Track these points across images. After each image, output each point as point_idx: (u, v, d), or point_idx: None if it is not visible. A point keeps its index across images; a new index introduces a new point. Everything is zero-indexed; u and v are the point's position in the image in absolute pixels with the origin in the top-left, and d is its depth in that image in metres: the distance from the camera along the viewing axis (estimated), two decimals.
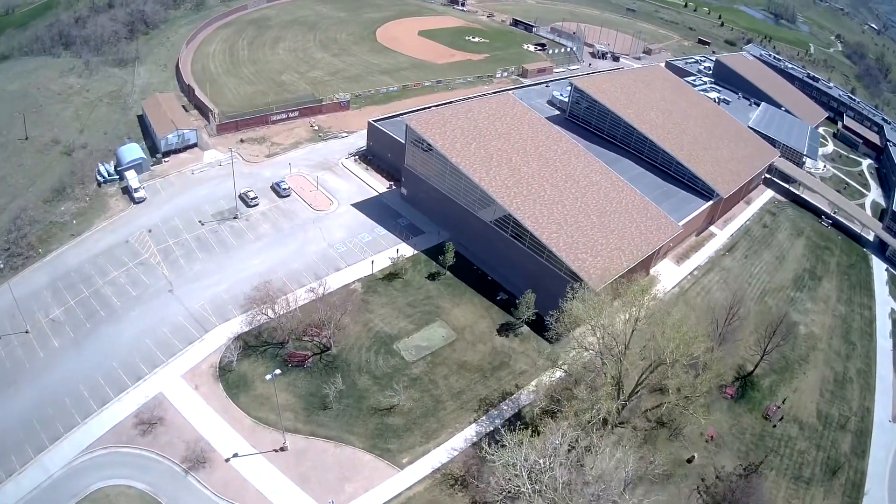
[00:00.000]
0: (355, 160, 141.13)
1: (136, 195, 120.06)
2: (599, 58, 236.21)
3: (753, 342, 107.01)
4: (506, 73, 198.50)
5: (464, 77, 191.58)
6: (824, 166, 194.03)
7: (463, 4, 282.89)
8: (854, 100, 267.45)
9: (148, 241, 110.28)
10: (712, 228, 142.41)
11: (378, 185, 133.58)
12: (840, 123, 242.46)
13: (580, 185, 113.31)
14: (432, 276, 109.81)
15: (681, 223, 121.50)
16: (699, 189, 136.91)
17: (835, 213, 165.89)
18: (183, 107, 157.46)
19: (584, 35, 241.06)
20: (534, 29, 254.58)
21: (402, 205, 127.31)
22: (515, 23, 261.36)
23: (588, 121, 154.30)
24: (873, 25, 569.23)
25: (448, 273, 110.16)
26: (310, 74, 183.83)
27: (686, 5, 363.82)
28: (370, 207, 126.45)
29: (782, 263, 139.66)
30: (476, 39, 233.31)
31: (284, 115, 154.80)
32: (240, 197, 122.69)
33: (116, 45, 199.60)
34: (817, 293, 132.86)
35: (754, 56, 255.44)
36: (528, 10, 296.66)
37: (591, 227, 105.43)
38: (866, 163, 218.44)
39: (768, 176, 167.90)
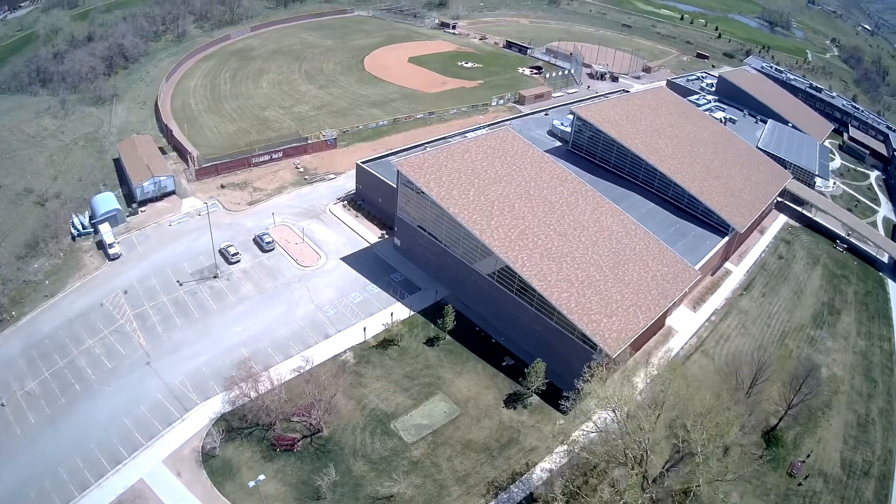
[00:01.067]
0: (344, 206, 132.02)
1: (110, 251, 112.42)
2: (598, 79, 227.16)
3: (777, 393, 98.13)
4: (502, 101, 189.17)
5: (457, 107, 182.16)
6: (834, 183, 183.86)
7: (454, 28, 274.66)
8: (857, 109, 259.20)
9: (123, 305, 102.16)
10: (727, 265, 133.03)
11: (369, 234, 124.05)
12: (846, 135, 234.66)
13: (590, 233, 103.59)
14: (431, 342, 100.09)
15: (698, 266, 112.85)
16: (714, 224, 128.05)
17: (849, 234, 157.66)
18: (161, 149, 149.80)
19: (581, 55, 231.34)
20: (528, 51, 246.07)
21: (396, 257, 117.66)
22: (509, 45, 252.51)
23: (592, 152, 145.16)
24: (866, 26, 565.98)
25: (448, 337, 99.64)
26: (295, 109, 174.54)
27: (682, 18, 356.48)
28: (361, 261, 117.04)
29: (800, 298, 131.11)
30: (469, 65, 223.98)
31: (267, 157, 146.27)
32: (220, 252, 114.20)
33: (94, 82, 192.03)
34: (837, 329, 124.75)
35: (756, 69, 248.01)
36: (522, 31, 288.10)
37: (604, 281, 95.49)
38: (874, 175, 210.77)
39: (780, 199, 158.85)
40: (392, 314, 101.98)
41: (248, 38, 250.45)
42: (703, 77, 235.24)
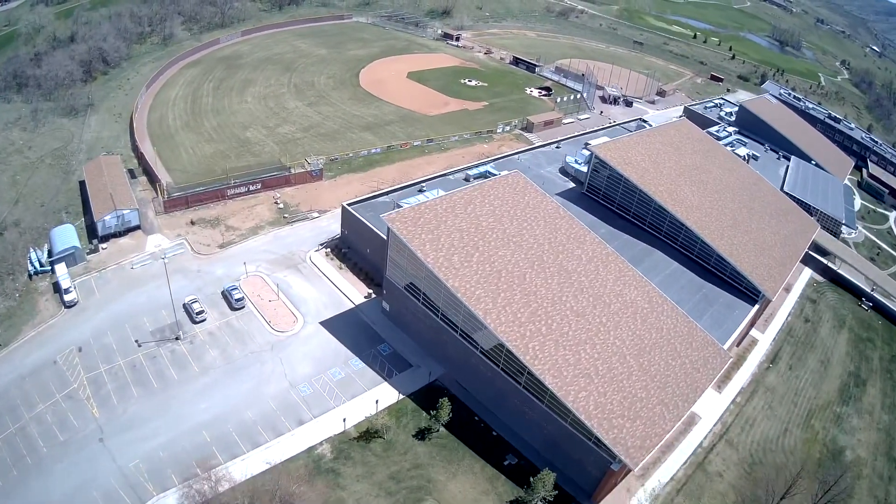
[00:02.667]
0: (327, 254, 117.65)
1: (66, 297, 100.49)
2: (611, 103, 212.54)
3: (802, 490, 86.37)
4: (508, 128, 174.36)
5: (460, 133, 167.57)
6: (857, 230, 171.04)
7: (457, 39, 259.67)
8: (876, 142, 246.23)
9: (77, 365, 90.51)
10: (753, 331, 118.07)
11: (354, 291, 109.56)
12: (865, 171, 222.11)
13: (612, 311, 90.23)
14: (422, 434, 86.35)
15: (728, 343, 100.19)
16: (743, 288, 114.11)
17: (873, 290, 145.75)
18: (131, 170, 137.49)
19: (593, 77, 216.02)
20: (537, 69, 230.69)
21: (384, 323, 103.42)
22: (516, 61, 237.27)
23: (611, 197, 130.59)
24: (874, 48, 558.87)
25: (442, 429, 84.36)
26: (280, 130, 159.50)
27: (695, 36, 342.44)
28: (344, 327, 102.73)
29: (827, 369, 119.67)
30: (473, 83, 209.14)
31: (244, 189, 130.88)
32: (184, 307, 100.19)
33: (70, 89, 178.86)
34: (863, 403, 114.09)
35: (775, 97, 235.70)
36: (530, 45, 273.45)
37: (627, 374, 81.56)
38: (893, 216, 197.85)
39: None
40: (377, 401, 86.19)
41: (237, 44, 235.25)
42: (721, 104, 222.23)
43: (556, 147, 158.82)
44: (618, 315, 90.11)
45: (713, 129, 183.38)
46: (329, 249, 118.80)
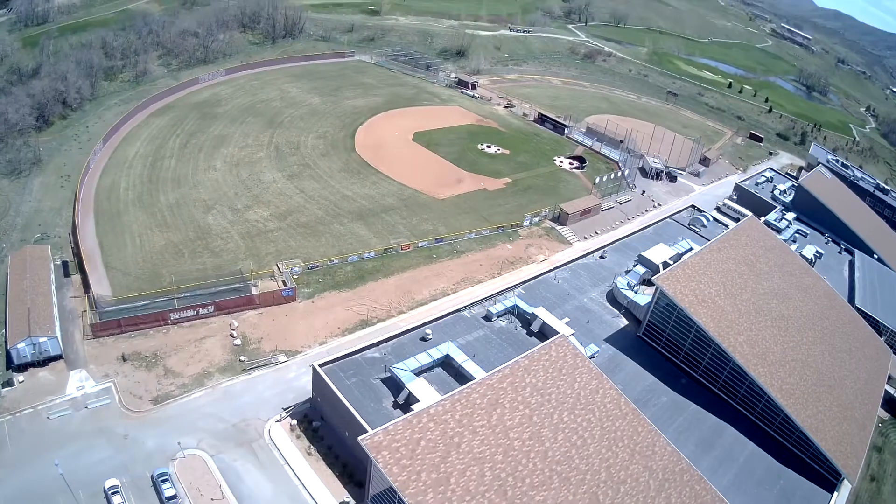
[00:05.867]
0: (292, 427, 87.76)
1: None
2: (653, 178, 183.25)
3: None
4: (537, 219, 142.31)
5: (476, 229, 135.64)
6: None
7: (473, 88, 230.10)
8: None
9: None
10: None
11: (325, 493, 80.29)
12: None
13: None
14: None
15: None
16: (822, 470, 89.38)
17: None
18: (65, 263, 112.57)
19: (634, 144, 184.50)
20: (566, 130, 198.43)
21: None
22: (542, 119, 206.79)
23: (676, 345, 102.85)
24: (894, 89, 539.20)
25: None
26: (249, 216, 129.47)
27: (730, 85, 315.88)
28: None
29: None
30: (493, 150, 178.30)
31: (193, 312, 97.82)
32: (104, 494, 73.67)
33: (21, 137, 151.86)
34: None
35: (824, 164, 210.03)
36: (555, 96, 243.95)
37: None
38: None
39: None
40: None
41: (218, 84, 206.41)
42: (771, 178, 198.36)
43: (601, 257, 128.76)
44: None
45: (772, 219, 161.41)
46: (297, 421, 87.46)
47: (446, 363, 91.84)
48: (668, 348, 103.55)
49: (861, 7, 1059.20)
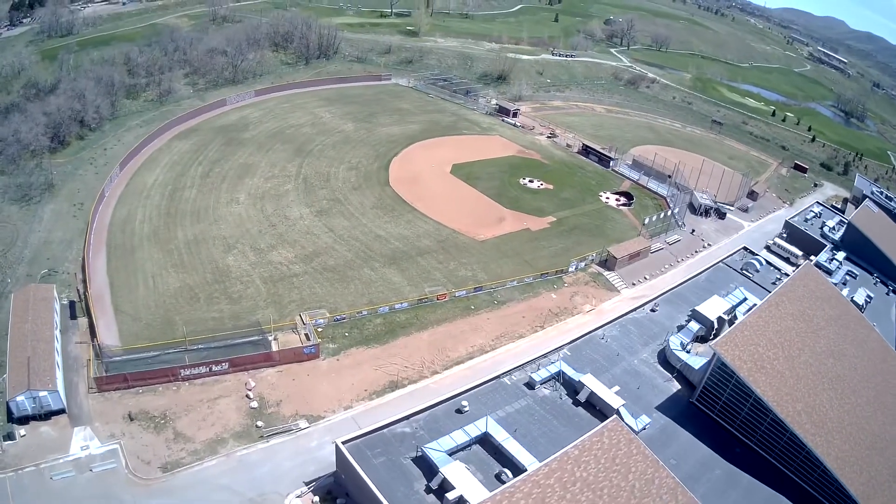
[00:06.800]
0: None
1: None
2: (701, 214, 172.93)
3: None
4: (583, 264, 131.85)
5: (518, 276, 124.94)
6: None
7: (514, 115, 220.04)
8: None
9: None
10: None
11: None
12: None
13: None
14: None
15: None
16: None
17: None
18: (72, 304, 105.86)
19: (683, 178, 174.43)
20: (612, 162, 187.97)
21: None
22: (586, 151, 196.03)
23: (732, 414, 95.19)
24: None
25: None
26: (272, 257, 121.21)
27: (774, 114, 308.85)
28: None
29: None
30: (535, 185, 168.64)
31: (205, 369, 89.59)
32: None
33: (35, 158, 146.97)
34: None
35: (870, 198, 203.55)
36: (598, 125, 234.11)
37: None
38: None
39: None
40: None
41: (247, 107, 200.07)
42: (820, 214, 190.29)
43: (652, 310, 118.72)
44: None
45: (823, 260, 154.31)
46: (318, 497, 78.31)
47: (485, 440, 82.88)
48: (723, 415, 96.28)
49: (892, 30, 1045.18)
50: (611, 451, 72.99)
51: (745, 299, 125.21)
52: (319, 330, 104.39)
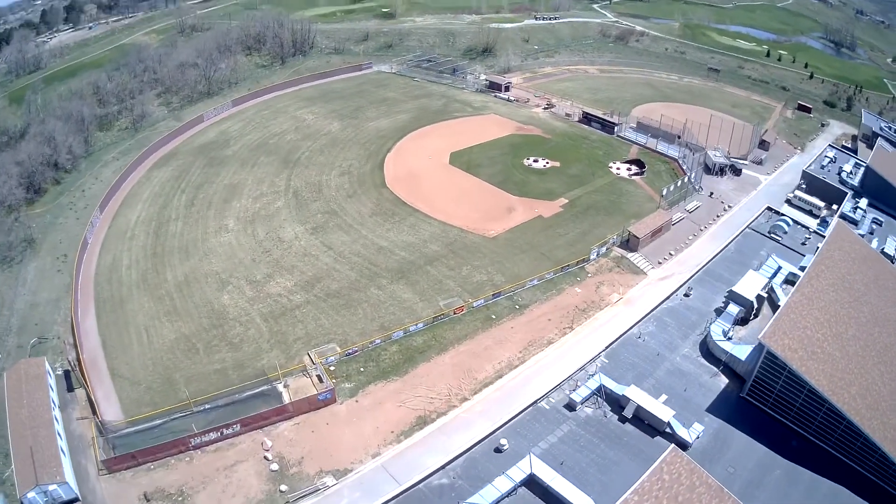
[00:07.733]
0: None
1: None
2: (717, 173, 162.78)
3: None
4: (604, 249, 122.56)
5: (538, 274, 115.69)
6: None
7: (507, 89, 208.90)
8: None
9: None
10: None
11: None
12: None
13: None
14: None
15: None
16: None
17: None
18: (66, 374, 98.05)
19: (693, 136, 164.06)
20: (616, 129, 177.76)
21: None
22: (588, 119, 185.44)
23: (786, 406, 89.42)
24: None
25: None
26: (270, 288, 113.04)
27: (768, 54, 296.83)
28: None
29: None
30: (541, 164, 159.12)
31: (216, 434, 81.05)
32: None
33: (11, 214, 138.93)
34: None
35: (881, 136, 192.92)
36: (595, 88, 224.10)
37: None
38: None
39: None
40: None
41: (225, 120, 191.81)
42: (835, 158, 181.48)
43: (686, 295, 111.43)
44: None
45: (847, 210, 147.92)
46: None
47: (531, 482, 75.77)
48: (777, 408, 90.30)
49: None
50: (672, 487, 65.90)
51: (780, 268, 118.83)
52: (332, 369, 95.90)
